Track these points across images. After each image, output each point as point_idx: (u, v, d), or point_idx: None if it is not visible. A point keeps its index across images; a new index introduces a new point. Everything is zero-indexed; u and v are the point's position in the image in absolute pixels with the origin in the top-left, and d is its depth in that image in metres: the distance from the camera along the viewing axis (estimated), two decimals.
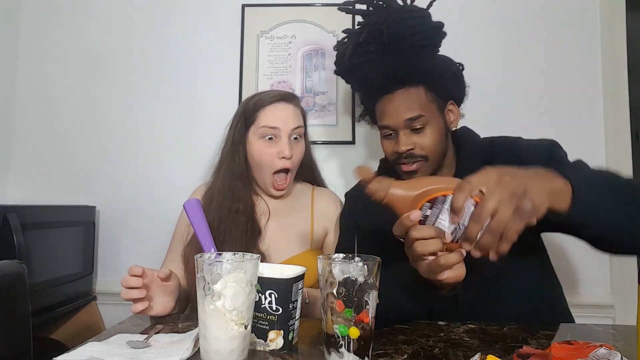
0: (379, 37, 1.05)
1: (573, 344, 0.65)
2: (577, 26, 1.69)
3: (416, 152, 1.01)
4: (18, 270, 0.97)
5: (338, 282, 0.64)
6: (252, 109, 1.18)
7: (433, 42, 1.09)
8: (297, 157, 1.18)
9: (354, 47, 1.09)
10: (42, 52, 1.80)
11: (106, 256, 1.74)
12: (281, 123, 1.15)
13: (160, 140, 1.76)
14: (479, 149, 1.07)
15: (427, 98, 1.01)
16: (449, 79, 1.05)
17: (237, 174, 1.18)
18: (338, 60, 1.16)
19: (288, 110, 1.17)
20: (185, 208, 0.97)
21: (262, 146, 1.16)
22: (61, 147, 1.77)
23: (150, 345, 0.74)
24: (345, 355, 0.64)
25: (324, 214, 1.24)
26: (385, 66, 1.02)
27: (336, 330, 0.64)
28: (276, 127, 1.14)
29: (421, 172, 1.02)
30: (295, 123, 1.17)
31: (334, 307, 0.65)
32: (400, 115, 1.00)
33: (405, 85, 1.01)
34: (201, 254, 0.69)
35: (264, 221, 1.19)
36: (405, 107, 1.00)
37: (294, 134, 1.17)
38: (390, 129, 1.03)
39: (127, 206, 1.74)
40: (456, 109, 1.08)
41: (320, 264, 0.67)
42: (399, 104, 1.01)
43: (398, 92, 1.01)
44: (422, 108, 1.00)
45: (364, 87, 1.12)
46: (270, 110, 1.16)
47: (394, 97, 1.02)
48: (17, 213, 1.31)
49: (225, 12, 1.77)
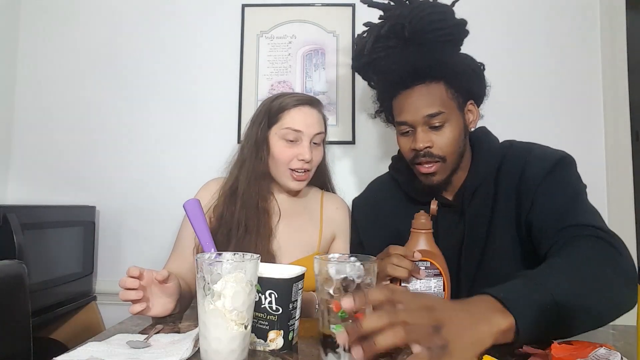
0: (400, 31, 1.03)
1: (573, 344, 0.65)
2: (577, 26, 1.70)
3: (434, 152, 0.97)
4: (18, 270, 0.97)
5: (334, 282, 0.64)
6: (276, 110, 1.17)
7: (455, 39, 1.06)
8: (315, 161, 1.19)
9: (374, 41, 1.06)
10: (42, 52, 1.80)
11: (106, 256, 1.74)
12: (305, 127, 1.14)
13: (160, 140, 1.76)
14: (496, 152, 1.03)
15: (448, 95, 0.97)
16: (470, 76, 1.01)
17: (262, 173, 1.18)
18: (357, 54, 1.13)
19: (312, 115, 1.17)
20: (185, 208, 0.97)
21: (283, 146, 1.15)
22: (61, 147, 1.77)
23: (150, 345, 0.74)
24: (342, 355, 0.64)
25: (332, 220, 1.24)
26: (407, 59, 1.00)
27: (333, 330, 0.64)
28: (299, 131, 1.14)
29: (439, 174, 0.99)
30: (318, 129, 1.16)
31: (331, 307, 0.64)
32: (419, 110, 0.96)
33: (426, 80, 0.97)
34: (201, 254, 0.69)
35: (275, 221, 1.19)
36: (424, 103, 0.96)
37: (315, 139, 1.17)
38: (408, 126, 0.99)
39: (127, 206, 1.74)
40: (476, 109, 1.04)
41: (317, 264, 0.67)
42: (418, 100, 0.97)
43: (418, 87, 0.97)
44: (442, 104, 0.96)
45: (383, 82, 1.08)
46: (296, 113, 1.15)
47: (414, 92, 0.98)
48: (17, 213, 1.31)
49: (225, 12, 1.77)
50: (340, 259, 0.71)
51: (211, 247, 0.91)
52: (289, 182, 1.18)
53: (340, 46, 1.74)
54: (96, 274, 1.73)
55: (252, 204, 1.14)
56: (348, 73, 1.73)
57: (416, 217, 0.87)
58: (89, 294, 1.68)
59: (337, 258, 0.72)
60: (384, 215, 1.11)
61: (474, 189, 1.01)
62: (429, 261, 0.85)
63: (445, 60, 0.98)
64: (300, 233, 1.20)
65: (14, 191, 1.77)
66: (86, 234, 1.65)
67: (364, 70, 1.15)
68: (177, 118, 1.76)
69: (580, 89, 1.68)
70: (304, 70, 1.74)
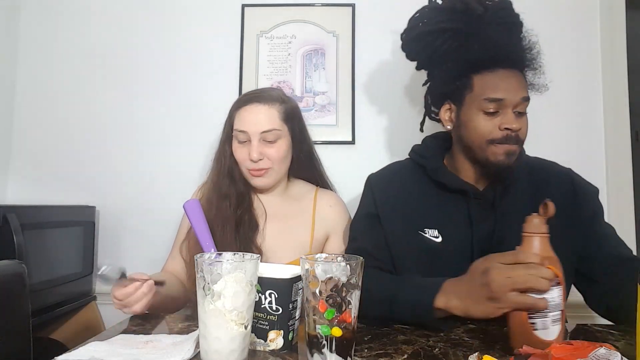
0: (476, 6, 1.02)
1: (573, 344, 0.65)
2: (577, 26, 1.70)
3: (521, 136, 0.98)
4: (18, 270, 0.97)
5: (320, 282, 0.64)
6: (232, 110, 1.19)
7: (519, 21, 1.07)
8: (273, 159, 1.15)
9: (438, 12, 1.06)
10: (42, 52, 1.80)
11: (106, 256, 1.74)
12: (249, 126, 1.13)
13: (160, 140, 1.76)
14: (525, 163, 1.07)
15: (526, 83, 1.01)
16: (538, 69, 1.04)
17: (223, 172, 1.18)
18: (415, 24, 1.10)
19: (259, 111, 1.13)
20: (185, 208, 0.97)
21: (236, 146, 1.17)
22: (61, 147, 1.77)
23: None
24: (327, 355, 0.64)
25: (325, 219, 1.22)
26: (492, 41, 0.99)
27: (319, 330, 0.64)
28: (244, 131, 1.13)
29: (515, 157, 0.99)
30: (266, 126, 1.13)
31: (317, 307, 0.64)
32: (517, 92, 0.96)
33: (508, 66, 0.98)
34: (201, 254, 0.69)
35: (262, 222, 1.18)
36: (521, 86, 0.98)
37: (268, 137, 1.13)
38: (500, 105, 0.97)
39: (127, 206, 1.74)
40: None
41: (303, 264, 0.67)
42: (517, 82, 0.98)
43: (501, 71, 0.98)
44: (527, 91, 0.99)
45: (461, 57, 1.02)
46: (242, 113, 1.15)
47: (511, 74, 0.98)
48: (17, 213, 1.31)
49: (225, 12, 1.77)
50: (327, 259, 0.71)
51: (211, 247, 0.92)
52: (251, 180, 1.18)
53: (340, 46, 1.74)
54: (96, 274, 1.73)
55: (213, 204, 1.15)
56: (348, 73, 1.73)
57: (528, 220, 0.77)
58: (89, 294, 1.68)
59: (324, 258, 0.71)
60: (402, 196, 1.09)
61: (505, 185, 1.03)
62: (550, 269, 0.74)
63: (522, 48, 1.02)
64: (291, 234, 1.19)
65: (14, 191, 1.77)
66: (86, 234, 1.65)
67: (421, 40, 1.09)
68: (177, 118, 1.76)
69: (580, 89, 1.68)
70: (304, 70, 1.74)
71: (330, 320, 0.63)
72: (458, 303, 0.81)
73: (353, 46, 1.73)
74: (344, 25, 1.74)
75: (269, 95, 1.17)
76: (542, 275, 0.70)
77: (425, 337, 0.82)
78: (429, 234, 1.04)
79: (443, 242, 1.03)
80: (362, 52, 1.73)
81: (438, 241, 1.04)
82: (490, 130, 0.98)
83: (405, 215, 1.07)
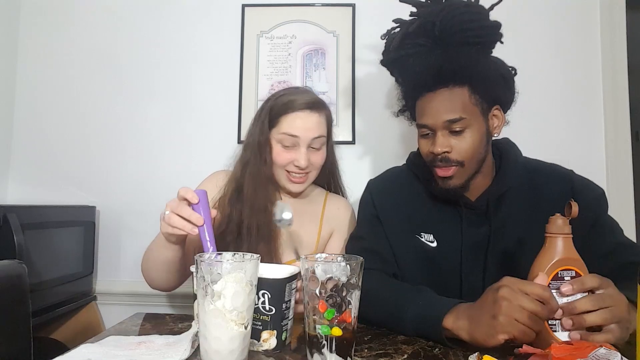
0: (430, 29, 1.01)
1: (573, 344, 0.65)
2: (577, 26, 1.70)
3: (452, 157, 0.96)
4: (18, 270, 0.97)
5: (321, 282, 0.64)
6: (276, 112, 1.15)
7: (486, 41, 1.04)
8: (315, 164, 1.16)
9: (402, 38, 1.05)
10: (42, 52, 1.80)
11: (106, 256, 1.74)
12: (302, 132, 1.12)
13: (160, 140, 1.76)
14: (521, 168, 1.05)
15: (471, 100, 0.96)
16: (497, 82, 1.00)
17: (267, 176, 1.15)
18: (385, 50, 1.11)
19: (312, 119, 1.13)
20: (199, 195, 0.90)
21: (280, 150, 1.14)
22: (61, 147, 1.77)
23: None
24: (327, 356, 0.64)
25: (332, 218, 1.23)
26: (432, 61, 0.98)
27: (318, 330, 0.64)
28: (296, 136, 1.12)
29: (456, 178, 0.98)
30: (316, 133, 1.13)
31: (317, 307, 0.64)
32: (440, 115, 0.95)
33: (450, 84, 0.96)
34: (201, 254, 0.69)
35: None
36: (446, 108, 0.95)
37: (314, 144, 1.14)
38: (428, 129, 0.99)
39: (127, 206, 1.74)
40: (501, 114, 1.03)
41: (303, 264, 0.67)
42: (440, 104, 0.96)
43: (440, 90, 0.96)
44: (464, 110, 0.95)
45: (407, 82, 1.07)
46: (294, 118, 1.13)
47: (436, 95, 0.97)
48: (17, 213, 1.31)
49: (225, 12, 1.77)
50: (327, 259, 0.71)
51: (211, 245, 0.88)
52: (287, 184, 1.17)
53: (340, 46, 1.74)
54: (96, 274, 1.73)
55: (260, 208, 1.12)
56: (348, 73, 1.73)
57: (551, 221, 0.76)
58: (89, 294, 1.68)
59: (324, 258, 0.71)
60: (400, 200, 1.10)
61: (499, 194, 1.02)
62: (574, 270, 0.75)
63: (471, 65, 0.97)
64: (301, 233, 1.19)
65: (14, 191, 1.77)
66: (86, 234, 1.65)
67: (390, 67, 1.13)
68: (178, 118, 1.76)
69: (580, 89, 1.68)
70: (304, 70, 1.74)
71: (330, 320, 0.63)
72: (465, 324, 0.77)
73: (353, 46, 1.73)
74: (344, 25, 1.74)
75: (320, 104, 1.17)
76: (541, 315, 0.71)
77: (425, 337, 0.82)
78: (425, 238, 1.05)
79: (438, 246, 1.04)
80: (362, 52, 1.73)
81: (433, 246, 1.04)
82: (425, 153, 1.01)
83: (402, 219, 1.07)
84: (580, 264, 0.75)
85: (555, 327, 0.73)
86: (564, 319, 0.73)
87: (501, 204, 1.02)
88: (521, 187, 1.03)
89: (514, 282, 0.74)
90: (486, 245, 1.00)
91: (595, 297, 0.73)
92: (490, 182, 1.04)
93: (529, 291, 0.71)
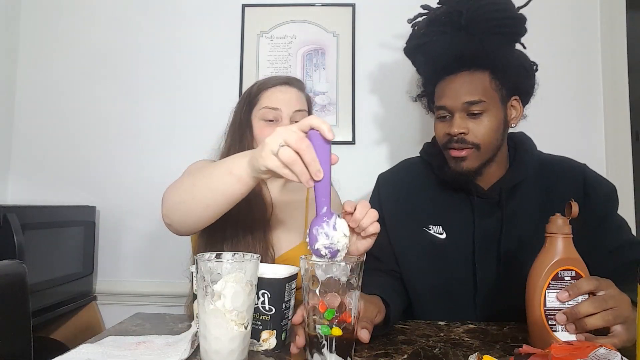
0: (457, 18, 1.02)
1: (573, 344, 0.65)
2: (577, 26, 1.70)
3: (468, 139, 0.97)
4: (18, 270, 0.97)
5: (320, 282, 0.64)
6: (255, 91, 1.16)
7: (510, 32, 1.05)
8: None
9: (428, 24, 1.06)
10: (42, 52, 1.80)
11: (106, 256, 1.75)
12: (282, 104, 1.12)
13: (160, 140, 1.76)
14: (536, 161, 1.06)
15: (492, 85, 0.98)
16: (518, 71, 1.01)
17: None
18: (410, 36, 1.12)
19: (291, 92, 1.14)
20: (311, 138, 0.75)
21: (262, 126, 1.12)
22: (61, 147, 1.77)
23: None
24: (327, 356, 0.64)
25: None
26: (455, 45, 0.99)
27: (318, 330, 0.64)
28: (277, 108, 1.11)
29: (470, 161, 0.98)
30: (297, 105, 1.13)
31: (317, 307, 0.64)
32: (460, 97, 0.97)
33: (472, 67, 0.98)
34: (201, 254, 0.69)
35: (269, 212, 1.17)
36: (466, 90, 0.97)
37: (297, 117, 1.12)
38: (446, 111, 0.99)
39: (127, 206, 1.74)
40: (520, 106, 1.04)
41: (303, 264, 0.67)
42: (461, 86, 0.97)
43: (462, 73, 0.98)
44: (484, 94, 0.97)
45: (429, 65, 1.07)
46: (272, 92, 1.14)
47: (457, 78, 0.98)
48: (17, 213, 1.31)
49: (225, 12, 1.77)
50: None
51: (326, 204, 0.72)
52: None
53: (340, 46, 1.74)
54: (96, 274, 1.73)
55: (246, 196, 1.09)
56: (348, 73, 1.73)
57: (552, 221, 0.77)
58: (89, 294, 1.68)
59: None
60: (408, 193, 1.11)
61: (513, 185, 1.03)
62: (574, 270, 0.74)
63: (494, 51, 0.98)
64: (290, 221, 1.17)
65: (14, 191, 1.77)
66: (86, 233, 1.65)
67: (414, 53, 1.13)
68: (178, 118, 1.76)
69: (580, 89, 1.68)
70: (304, 70, 1.74)
71: (330, 320, 0.63)
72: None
73: (353, 46, 1.73)
74: (344, 25, 1.74)
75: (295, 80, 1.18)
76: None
77: (425, 337, 0.82)
78: (434, 230, 1.06)
79: (447, 238, 1.04)
80: (362, 52, 1.73)
81: (442, 237, 1.05)
82: (441, 136, 1.02)
83: (410, 211, 1.08)
84: (580, 264, 0.75)
85: (555, 327, 0.73)
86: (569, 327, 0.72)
87: (514, 194, 1.03)
88: (534, 178, 1.04)
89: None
90: (499, 235, 1.01)
91: (596, 299, 0.72)
92: (504, 173, 1.05)
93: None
